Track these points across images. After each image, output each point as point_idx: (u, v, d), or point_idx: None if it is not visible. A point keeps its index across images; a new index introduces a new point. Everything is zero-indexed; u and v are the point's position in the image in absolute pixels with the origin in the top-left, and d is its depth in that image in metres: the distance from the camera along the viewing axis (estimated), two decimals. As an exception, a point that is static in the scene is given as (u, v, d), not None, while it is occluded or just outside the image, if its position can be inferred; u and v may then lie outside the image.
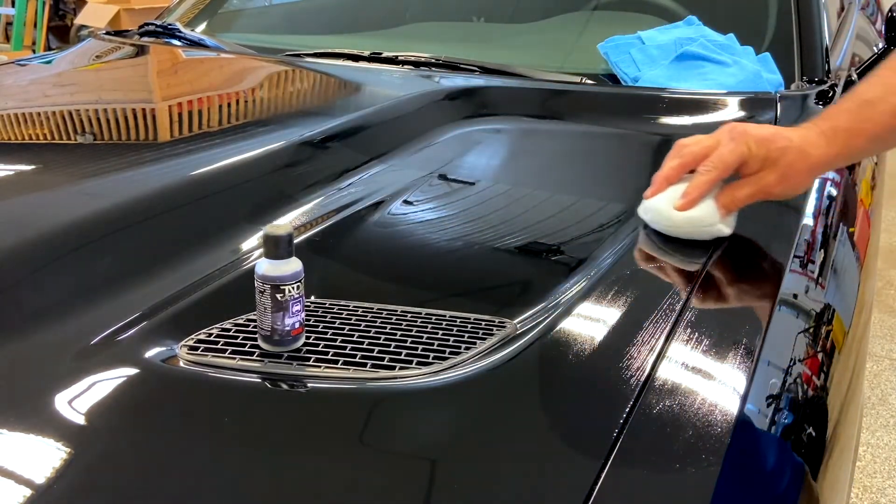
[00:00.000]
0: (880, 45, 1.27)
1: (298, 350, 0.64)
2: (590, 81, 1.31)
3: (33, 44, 4.76)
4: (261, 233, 0.76)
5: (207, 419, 0.58)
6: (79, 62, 1.63)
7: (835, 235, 0.97)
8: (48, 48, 4.85)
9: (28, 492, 0.50)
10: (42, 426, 0.56)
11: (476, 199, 0.95)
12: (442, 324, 0.67)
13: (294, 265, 0.64)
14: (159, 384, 0.61)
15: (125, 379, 0.61)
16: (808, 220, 0.91)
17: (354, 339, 0.65)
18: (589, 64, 1.35)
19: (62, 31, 5.26)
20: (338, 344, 0.64)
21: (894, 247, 3.23)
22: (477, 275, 0.79)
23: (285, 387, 0.61)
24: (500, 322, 0.68)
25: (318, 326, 0.67)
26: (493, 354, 0.63)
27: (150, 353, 0.63)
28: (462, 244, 0.84)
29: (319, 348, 0.64)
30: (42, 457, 0.53)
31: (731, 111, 1.18)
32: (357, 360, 0.62)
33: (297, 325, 0.63)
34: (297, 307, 0.63)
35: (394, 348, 0.64)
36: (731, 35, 1.33)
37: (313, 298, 0.71)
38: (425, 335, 0.66)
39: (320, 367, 0.62)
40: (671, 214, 0.82)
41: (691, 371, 0.63)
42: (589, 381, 0.61)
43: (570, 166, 1.11)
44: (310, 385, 0.61)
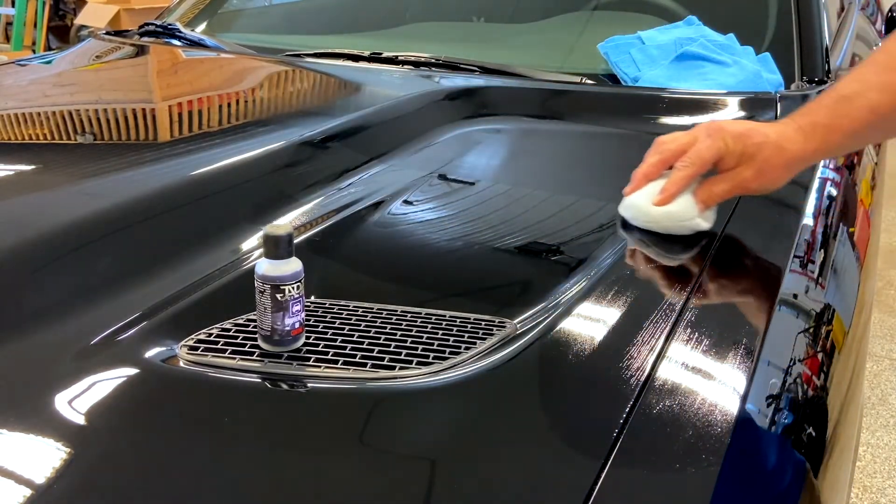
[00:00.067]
0: (880, 45, 1.26)
1: (298, 350, 0.64)
2: (590, 81, 1.31)
3: (33, 44, 4.77)
4: (261, 233, 0.76)
5: (207, 419, 0.58)
6: (79, 62, 1.63)
7: (835, 235, 0.97)
8: (48, 48, 4.86)
9: (28, 492, 0.50)
10: (42, 426, 0.56)
11: (476, 199, 0.95)
12: (442, 324, 0.67)
13: (294, 265, 0.64)
14: (159, 384, 0.61)
15: (125, 379, 0.61)
16: (808, 220, 0.91)
17: (354, 339, 0.65)
18: (589, 64, 1.35)
19: (62, 31, 5.27)
20: (338, 344, 0.64)
21: (894, 247, 3.23)
22: (477, 275, 0.79)
23: (285, 387, 0.61)
24: (500, 322, 0.68)
25: (318, 326, 0.67)
26: (493, 354, 0.63)
27: (150, 353, 0.63)
28: (462, 244, 0.84)
29: (319, 348, 0.64)
30: (42, 457, 0.53)
31: (731, 111, 1.18)
32: (357, 360, 0.62)
33: (297, 325, 0.63)
34: (297, 307, 0.63)
35: (394, 348, 0.64)
36: (731, 35, 1.33)
37: (313, 298, 0.71)
38: (425, 335, 0.66)
39: (320, 367, 0.62)
40: (650, 210, 0.83)
41: (691, 371, 0.63)
42: (589, 381, 0.61)
43: (570, 166, 1.11)
44: (310, 385, 0.61)
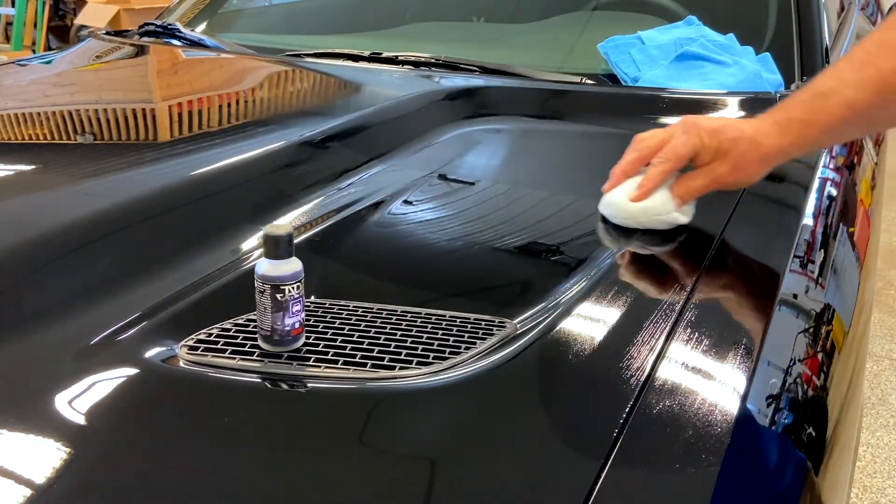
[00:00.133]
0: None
1: (298, 350, 0.64)
2: (590, 81, 1.31)
3: (33, 44, 4.77)
4: (261, 233, 0.76)
5: (207, 419, 0.58)
6: (79, 62, 1.63)
7: (835, 235, 0.97)
8: (48, 48, 4.86)
9: (28, 492, 0.50)
10: (42, 426, 0.56)
11: (476, 199, 0.95)
12: (442, 324, 0.67)
13: (294, 265, 0.64)
14: (159, 384, 0.61)
15: (125, 379, 0.61)
16: (808, 220, 0.91)
17: (354, 339, 0.65)
18: (589, 64, 1.35)
19: (62, 31, 5.27)
20: (338, 344, 0.64)
21: (894, 247, 3.23)
22: (477, 275, 0.79)
23: (285, 387, 0.61)
24: (500, 322, 0.68)
25: (318, 326, 0.66)
26: (493, 354, 0.63)
27: (150, 353, 0.63)
28: (462, 244, 0.84)
29: (319, 348, 0.64)
30: (42, 457, 0.53)
31: (731, 111, 1.18)
32: (357, 360, 0.62)
33: (297, 325, 0.63)
34: (297, 307, 0.63)
35: (394, 348, 0.64)
36: (731, 35, 1.33)
37: (313, 298, 0.71)
38: (425, 335, 0.66)
39: (320, 367, 0.62)
40: (627, 206, 0.84)
41: (691, 371, 0.63)
42: (589, 381, 0.61)
43: (570, 166, 1.11)
44: (310, 385, 0.61)
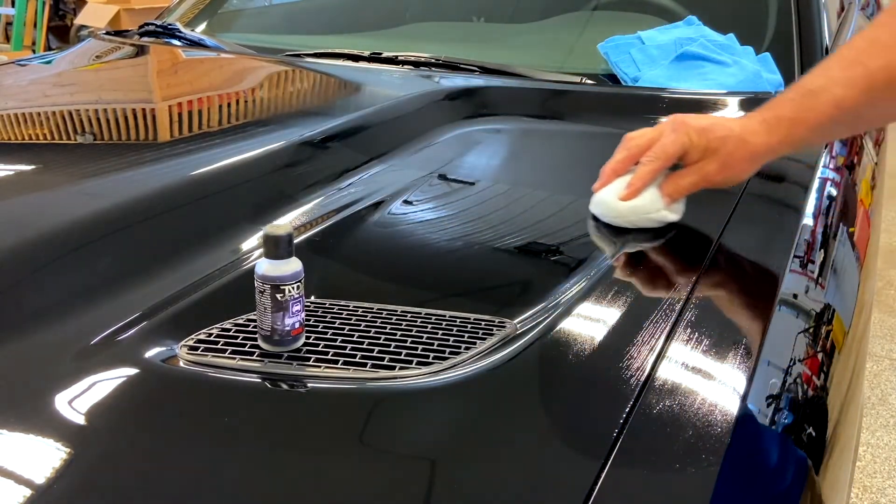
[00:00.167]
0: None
1: (298, 350, 0.64)
2: (590, 81, 1.31)
3: (33, 44, 4.77)
4: (261, 233, 0.76)
5: (207, 419, 0.58)
6: (79, 62, 1.63)
7: (835, 235, 0.97)
8: (48, 48, 4.86)
9: (28, 492, 0.50)
10: (42, 426, 0.56)
11: (476, 199, 0.95)
12: (442, 324, 0.67)
13: (294, 265, 0.64)
14: (159, 384, 0.61)
15: (125, 379, 0.61)
16: (808, 220, 0.91)
17: (354, 339, 0.65)
18: (589, 64, 1.35)
19: (62, 31, 5.27)
20: (338, 344, 0.64)
21: (894, 247, 3.23)
22: (477, 275, 0.79)
23: (285, 387, 0.61)
24: (500, 322, 0.68)
25: (318, 326, 0.66)
26: (493, 354, 0.63)
27: (150, 353, 0.63)
28: (462, 244, 0.84)
29: (319, 348, 0.64)
30: (42, 457, 0.53)
31: (731, 111, 1.18)
32: (357, 360, 0.62)
33: (297, 325, 0.63)
34: (297, 307, 0.63)
35: (394, 348, 0.64)
36: (731, 35, 1.33)
37: (313, 298, 0.71)
38: (425, 335, 0.66)
39: (320, 367, 0.62)
40: (617, 205, 0.85)
41: (691, 371, 0.63)
42: (589, 381, 0.61)
43: (570, 166, 1.11)
44: (310, 385, 0.61)
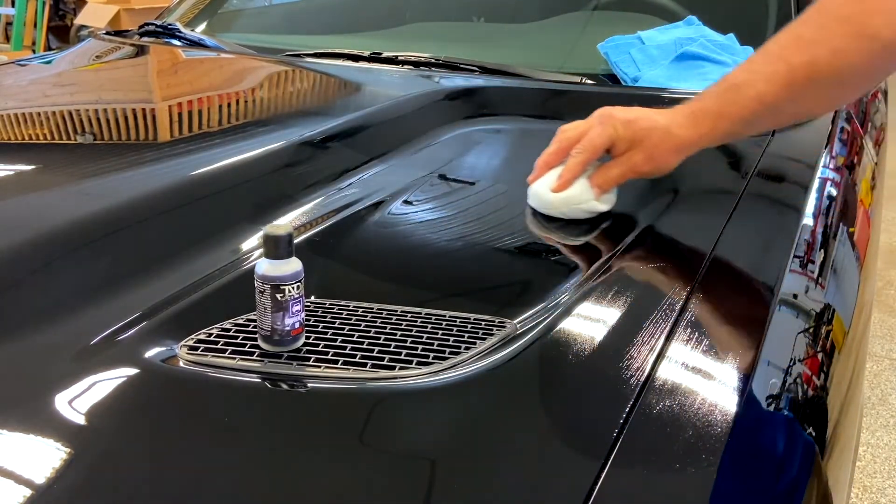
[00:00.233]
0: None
1: (298, 350, 0.63)
2: (590, 81, 1.31)
3: (33, 44, 4.77)
4: (261, 233, 0.76)
5: (207, 419, 0.58)
6: (79, 62, 1.63)
7: (835, 235, 0.97)
8: (48, 48, 4.86)
9: (28, 492, 0.50)
10: (42, 426, 0.56)
11: (476, 198, 0.95)
12: (442, 324, 0.67)
13: (294, 265, 0.64)
14: (159, 384, 0.61)
15: (125, 379, 0.61)
16: (808, 220, 0.91)
17: (354, 339, 0.65)
18: (589, 64, 1.35)
19: (62, 31, 5.27)
20: (338, 344, 0.64)
21: (894, 247, 3.23)
22: (477, 275, 0.79)
23: (285, 387, 0.61)
24: (500, 322, 0.67)
25: (318, 326, 0.66)
26: (493, 354, 0.63)
27: (150, 353, 0.63)
28: (462, 244, 0.84)
29: (319, 348, 0.64)
30: (42, 457, 0.53)
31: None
32: (357, 360, 0.62)
33: (297, 325, 0.63)
34: (297, 307, 0.63)
35: (394, 348, 0.64)
36: (731, 35, 1.33)
37: (313, 298, 0.71)
38: (425, 335, 0.65)
39: (320, 367, 0.62)
40: (549, 196, 0.88)
41: (691, 371, 0.63)
42: (589, 381, 0.61)
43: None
44: (310, 385, 0.61)
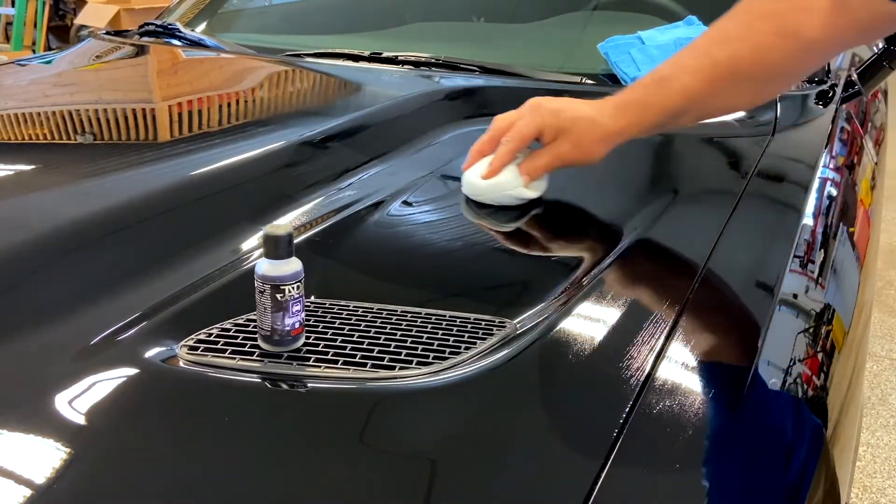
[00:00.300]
0: (880, 45, 1.26)
1: (298, 350, 0.64)
2: (590, 81, 1.31)
3: (33, 44, 4.77)
4: (261, 233, 0.76)
5: (207, 419, 0.58)
6: (79, 62, 1.63)
7: (835, 235, 0.97)
8: (48, 48, 4.86)
9: (28, 492, 0.50)
10: (42, 426, 0.56)
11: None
12: (442, 324, 0.67)
13: (294, 265, 0.64)
14: (159, 384, 0.61)
15: (125, 379, 0.61)
16: (808, 220, 0.91)
17: (354, 339, 0.65)
18: (589, 64, 1.35)
19: (62, 31, 5.27)
20: (338, 344, 0.64)
21: (894, 247, 3.23)
22: (477, 275, 0.79)
23: (285, 387, 0.61)
24: (500, 322, 0.67)
25: (318, 326, 0.66)
26: (493, 354, 0.63)
27: (150, 353, 0.63)
28: (462, 244, 0.84)
29: (319, 348, 0.64)
30: (42, 457, 0.53)
31: (731, 111, 1.17)
32: (357, 360, 0.62)
33: (297, 325, 0.63)
34: (297, 307, 0.63)
35: (394, 348, 0.64)
36: (731, 35, 1.33)
37: (313, 298, 0.71)
38: (425, 335, 0.65)
39: (320, 367, 0.62)
40: (480, 183, 0.91)
41: (691, 371, 0.63)
42: (589, 381, 0.61)
43: (568, 166, 1.11)
44: (310, 385, 0.61)
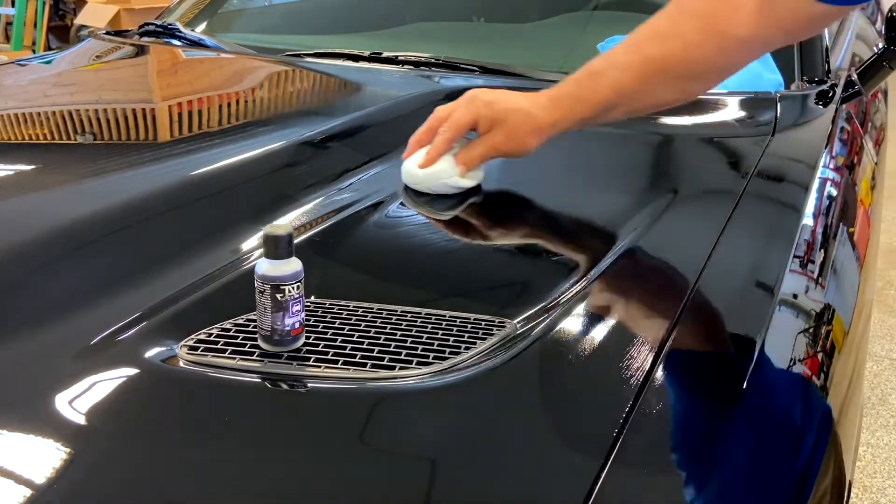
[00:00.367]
0: (880, 45, 1.26)
1: (298, 350, 0.64)
2: (590, 81, 1.31)
3: (33, 44, 4.77)
4: (261, 233, 0.76)
5: (207, 419, 0.58)
6: (79, 62, 1.63)
7: (835, 235, 0.97)
8: (48, 48, 4.86)
9: (28, 492, 0.50)
10: (42, 426, 0.56)
11: (475, 198, 0.95)
12: (442, 324, 0.67)
13: (294, 265, 0.64)
14: (159, 384, 0.61)
15: (125, 379, 0.61)
16: (808, 220, 0.91)
17: (354, 339, 0.65)
18: (589, 64, 1.35)
19: (62, 31, 5.27)
20: (338, 344, 0.64)
21: (894, 247, 3.23)
22: (477, 275, 0.79)
23: (285, 387, 0.61)
24: (500, 322, 0.67)
25: (318, 326, 0.66)
26: (493, 354, 0.63)
27: (150, 353, 0.63)
28: (462, 244, 0.84)
29: (319, 348, 0.64)
30: (42, 457, 0.53)
31: (731, 111, 1.18)
32: (357, 360, 0.62)
33: (297, 325, 0.63)
34: (297, 307, 0.63)
35: (394, 348, 0.64)
36: (731, 35, 1.33)
37: (313, 298, 0.71)
38: (425, 335, 0.65)
39: (320, 367, 0.62)
40: (417, 172, 0.92)
41: (691, 371, 0.63)
42: (589, 381, 0.61)
43: (568, 166, 1.11)
44: (310, 385, 0.61)
